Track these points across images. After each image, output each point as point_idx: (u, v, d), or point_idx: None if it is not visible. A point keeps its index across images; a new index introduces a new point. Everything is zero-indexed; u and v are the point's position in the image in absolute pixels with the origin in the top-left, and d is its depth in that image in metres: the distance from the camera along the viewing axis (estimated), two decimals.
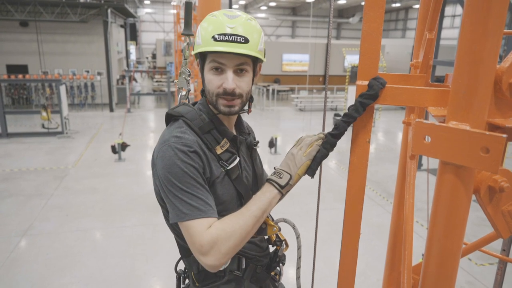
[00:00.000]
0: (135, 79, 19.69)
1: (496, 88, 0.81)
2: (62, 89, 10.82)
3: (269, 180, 1.22)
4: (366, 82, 1.04)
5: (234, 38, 1.19)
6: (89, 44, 15.65)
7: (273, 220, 1.44)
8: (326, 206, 6.35)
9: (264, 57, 1.33)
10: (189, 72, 1.62)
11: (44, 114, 10.70)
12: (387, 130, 13.60)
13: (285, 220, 1.49)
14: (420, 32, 1.44)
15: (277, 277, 1.59)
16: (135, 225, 5.63)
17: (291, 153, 1.23)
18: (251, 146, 1.48)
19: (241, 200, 1.35)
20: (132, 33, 27.86)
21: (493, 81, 0.77)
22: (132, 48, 27.02)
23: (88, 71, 15.77)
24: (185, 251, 1.38)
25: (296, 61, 21.86)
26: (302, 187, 1.77)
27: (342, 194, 1.33)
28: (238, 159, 1.34)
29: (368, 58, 1.04)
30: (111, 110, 15.34)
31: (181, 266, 1.55)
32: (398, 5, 28.08)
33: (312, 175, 1.23)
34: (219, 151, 1.29)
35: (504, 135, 0.70)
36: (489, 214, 1.02)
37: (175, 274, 1.54)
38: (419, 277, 0.92)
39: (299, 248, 1.48)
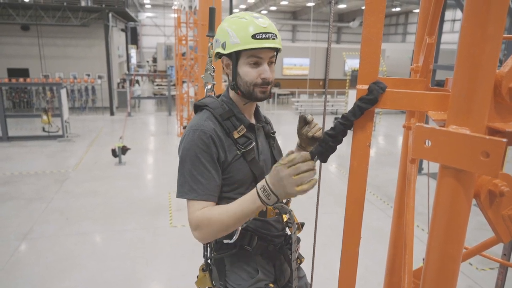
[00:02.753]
0: (137, 82, 19.74)
1: (496, 93, 0.81)
2: (63, 92, 10.84)
3: (258, 194, 1.27)
4: (366, 86, 1.04)
5: (270, 35, 1.42)
6: (90, 48, 15.69)
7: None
8: (326, 210, 6.33)
9: None
10: (213, 68, 1.83)
11: (44, 117, 10.71)
12: (387, 134, 13.60)
13: (282, 207, 1.57)
14: (420, 37, 1.44)
15: (298, 260, 1.70)
16: (135, 228, 5.62)
17: (280, 177, 1.20)
18: (269, 134, 1.67)
19: (256, 180, 1.50)
20: (133, 37, 27.93)
21: (492, 86, 0.77)
22: (133, 51, 27.10)
23: (89, 75, 15.80)
24: None
25: (297, 65, 21.89)
26: None
27: (343, 198, 1.33)
28: (253, 143, 1.52)
29: (368, 62, 1.05)
30: (112, 113, 15.36)
31: None
32: (398, 9, 28.17)
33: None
34: (236, 135, 1.48)
35: (504, 140, 0.70)
36: (490, 219, 1.02)
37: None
38: (420, 281, 0.92)
39: (294, 232, 1.60)
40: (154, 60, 28.56)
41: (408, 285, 1.07)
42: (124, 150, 8.69)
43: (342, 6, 27.21)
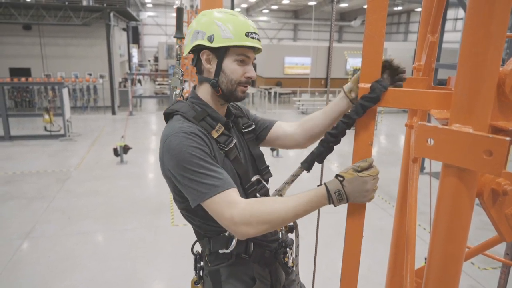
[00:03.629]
0: (139, 81, 19.75)
1: (499, 91, 0.81)
2: (65, 92, 10.85)
3: (331, 197, 1.20)
4: (369, 85, 1.04)
5: (257, 36, 1.42)
6: (92, 47, 15.71)
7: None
8: (329, 210, 6.27)
9: None
10: (182, 72, 1.77)
11: (46, 117, 10.73)
12: (389, 133, 13.57)
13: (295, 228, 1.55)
14: (423, 35, 1.44)
15: (292, 264, 1.64)
16: (136, 227, 5.63)
17: (366, 189, 1.18)
18: (241, 130, 1.58)
19: (240, 180, 1.44)
20: (134, 36, 27.95)
21: (496, 84, 0.77)
22: (135, 51, 27.11)
23: (90, 74, 15.82)
24: (198, 234, 1.51)
25: (298, 64, 21.86)
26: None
27: None
28: (234, 140, 1.45)
29: (370, 61, 1.04)
30: (113, 113, 15.37)
31: (197, 248, 1.62)
32: (400, 8, 28.12)
33: (308, 169, 1.29)
34: (215, 135, 1.40)
35: (507, 138, 0.69)
36: (493, 218, 1.02)
37: (192, 256, 1.64)
38: (422, 280, 0.92)
39: (297, 236, 1.59)
40: (156, 59, 28.59)
41: (410, 284, 1.07)
42: (125, 149, 8.70)
43: (344, 5, 27.17)
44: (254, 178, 1.50)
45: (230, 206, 1.23)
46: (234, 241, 1.41)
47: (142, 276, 4.42)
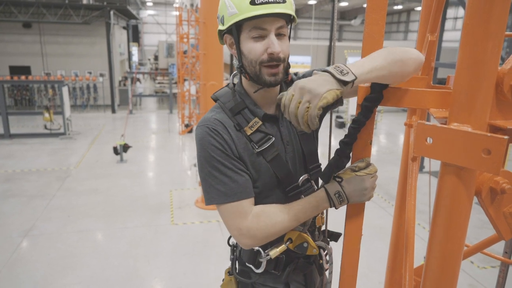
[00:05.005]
0: (138, 80, 19.74)
1: (498, 90, 0.81)
2: (65, 90, 10.85)
3: (331, 199, 1.17)
4: (368, 84, 1.04)
5: None
6: (92, 45, 15.71)
7: (315, 240, 1.39)
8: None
9: None
10: None
11: (46, 115, 10.75)
12: (388, 132, 13.58)
13: (325, 247, 1.43)
14: (422, 34, 1.44)
15: (326, 267, 1.51)
16: (136, 226, 5.63)
17: (364, 187, 1.17)
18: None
19: (280, 184, 1.31)
20: (135, 35, 27.94)
21: (494, 83, 0.77)
22: (134, 49, 27.09)
23: (90, 73, 15.82)
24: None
25: (298, 63, 21.85)
26: None
27: None
28: (272, 139, 1.27)
29: None
30: (113, 111, 15.38)
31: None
32: (400, 7, 28.08)
33: (327, 182, 1.20)
34: (248, 132, 1.26)
35: (506, 137, 0.70)
36: (491, 216, 1.02)
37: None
38: (421, 279, 0.92)
39: (331, 264, 1.47)
40: (156, 58, 28.56)
41: (409, 283, 1.07)
42: (125, 148, 8.71)
43: (344, 4, 27.14)
44: (302, 178, 1.34)
45: (238, 217, 1.20)
46: (264, 264, 1.34)
47: (142, 274, 4.43)
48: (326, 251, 1.47)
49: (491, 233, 1.45)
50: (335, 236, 1.49)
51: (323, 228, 1.47)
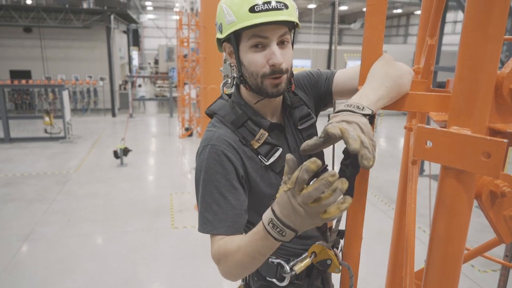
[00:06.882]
0: (139, 85, 19.79)
1: (497, 94, 0.81)
2: (65, 94, 10.88)
3: (268, 231, 0.89)
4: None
5: (275, 5, 1.06)
6: (92, 49, 15.75)
7: (339, 259, 1.21)
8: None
9: None
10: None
11: (46, 119, 10.76)
12: (388, 136, 13.58)
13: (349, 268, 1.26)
14: (422, 38, 1.45)
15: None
16: (136, 230, 5.62)
17: (293, 208, 0.82)
18: (296, 126, 1.30)
19: None
20: (135, 39, 28.02)
21: (493, 87, 0.78)
22: (135, 53, 27.16)
23: (90, 77, 15.85)
24: None
25: (298, 67, 21.89)
26: None
27: None
28: (279, 150, 1.20)
29: (369, 64, 1.05)
30: (114, 115, 15.40)
31: None
32: (399, 11, 28.18)
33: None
34: (255, 145, 1.18)
35: (505, 140, 0.70)
36: (491, 219, 1.02)
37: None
38: (421, 283, 0.92)
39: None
40: (156, 62, 28.62)
41: (409, 286, 1.07)
42: (125, 151, 8.71)
43: (343, 7, 27.23)
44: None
45: (217, 255, 1.08)
46: (287, 281, 1.24)
47: (142, 278, 4.42)
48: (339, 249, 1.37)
49: (492, 237, 1.44)
50: (341, 234, 1.44)
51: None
